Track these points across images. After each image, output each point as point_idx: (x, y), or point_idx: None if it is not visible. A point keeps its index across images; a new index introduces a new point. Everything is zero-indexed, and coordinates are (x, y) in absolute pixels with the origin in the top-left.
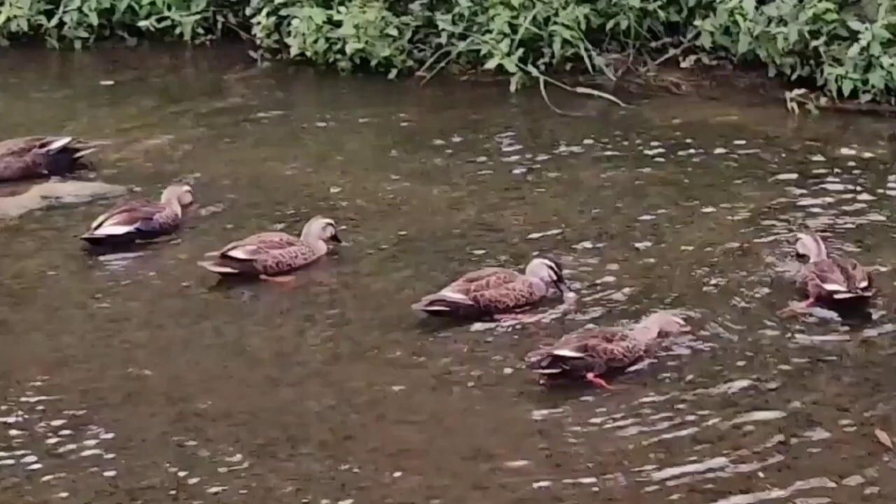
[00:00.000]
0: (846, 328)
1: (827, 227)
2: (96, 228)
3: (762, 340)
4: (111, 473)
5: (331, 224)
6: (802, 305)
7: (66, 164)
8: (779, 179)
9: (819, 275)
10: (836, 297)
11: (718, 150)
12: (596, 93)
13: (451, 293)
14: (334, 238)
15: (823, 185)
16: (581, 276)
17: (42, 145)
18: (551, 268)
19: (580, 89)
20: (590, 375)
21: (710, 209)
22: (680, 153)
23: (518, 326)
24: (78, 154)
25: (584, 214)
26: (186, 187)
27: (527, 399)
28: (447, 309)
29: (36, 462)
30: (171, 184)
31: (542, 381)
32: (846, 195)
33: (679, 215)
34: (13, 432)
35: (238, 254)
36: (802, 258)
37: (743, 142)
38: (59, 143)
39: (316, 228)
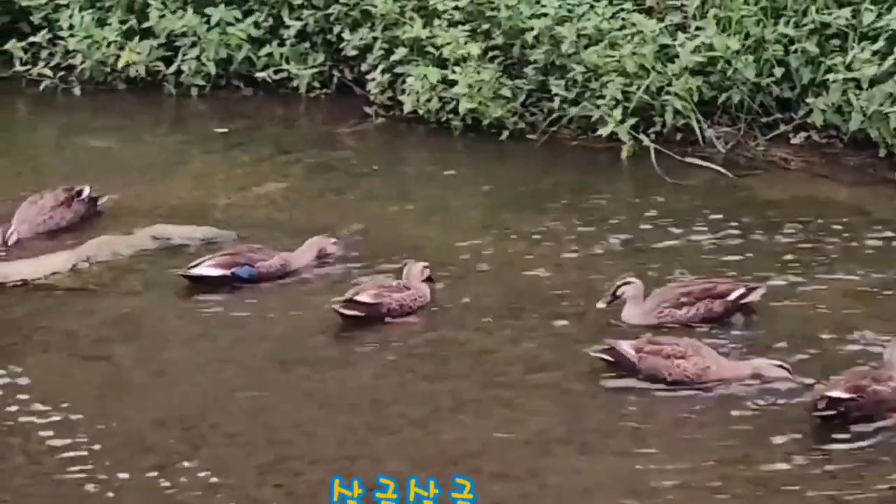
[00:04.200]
0: None
1: None
2: (193, 267)
3: None
4: None
5: (427, 266)
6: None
7: (93, 212)
8: (883, 259)
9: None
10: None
11: (824, 227)
12: (705, 164)
13: (625, 345)
14: (429, 279)
15: None
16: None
17: (78, 193)
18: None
19: (689, 159)
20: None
21: (813, 285)
22: (786, 228)
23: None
24: (99, 202)
25: None
26: (333, 240)
27: (626, 459)
28: (612, 360)
29: (134, 498)
30: (318, 236)
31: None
32: None
33: (782, 289)
34: (113, 467)
35: (364, 298)
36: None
37: (848, 220)
38: (87, 191)
39: (415, 272)
